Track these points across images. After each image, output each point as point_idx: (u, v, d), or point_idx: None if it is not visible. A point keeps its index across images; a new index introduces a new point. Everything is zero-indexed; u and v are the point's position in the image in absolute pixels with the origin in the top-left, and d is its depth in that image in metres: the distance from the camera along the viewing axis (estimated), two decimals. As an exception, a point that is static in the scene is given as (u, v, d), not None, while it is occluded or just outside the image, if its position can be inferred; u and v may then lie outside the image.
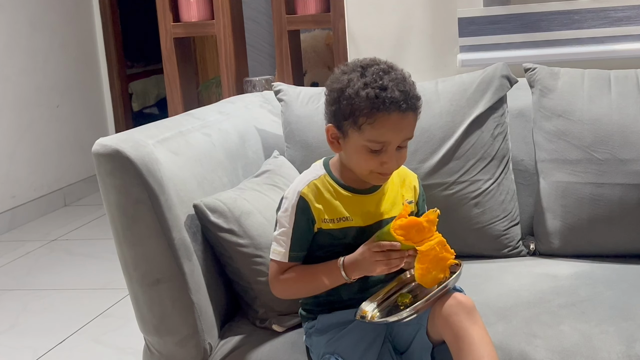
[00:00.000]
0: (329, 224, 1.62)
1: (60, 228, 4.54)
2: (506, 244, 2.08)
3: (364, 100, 1.51)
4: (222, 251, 1.80)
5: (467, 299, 1.54)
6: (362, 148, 1.55)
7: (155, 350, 1.79)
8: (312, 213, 1.62)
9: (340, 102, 1.55)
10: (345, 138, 1.58)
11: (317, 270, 1.62)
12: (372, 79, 1.53)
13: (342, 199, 1.63)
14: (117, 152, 1.66)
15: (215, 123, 2.08)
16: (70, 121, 5.22)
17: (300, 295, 1.69)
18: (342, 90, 1.55)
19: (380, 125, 1.52)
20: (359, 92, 1.52)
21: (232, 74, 3.23)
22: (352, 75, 1.55)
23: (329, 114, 1.60)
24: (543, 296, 1.78)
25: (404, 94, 1.52)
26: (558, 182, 2.06)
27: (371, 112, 1.51)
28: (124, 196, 1.68)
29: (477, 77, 2.15)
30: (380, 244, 1.54)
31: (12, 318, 3.19)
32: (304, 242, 1.63)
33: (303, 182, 1.64)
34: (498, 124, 2.11)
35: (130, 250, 1.72)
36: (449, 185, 2.06)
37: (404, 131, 1.55)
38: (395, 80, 1.53)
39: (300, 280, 1.63)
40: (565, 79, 2.12)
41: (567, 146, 2.05)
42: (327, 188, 1.64)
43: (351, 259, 1.58)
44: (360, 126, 1.53)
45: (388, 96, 1.51)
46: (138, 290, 1.74)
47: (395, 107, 1.51)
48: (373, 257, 1.54)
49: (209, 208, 1.77)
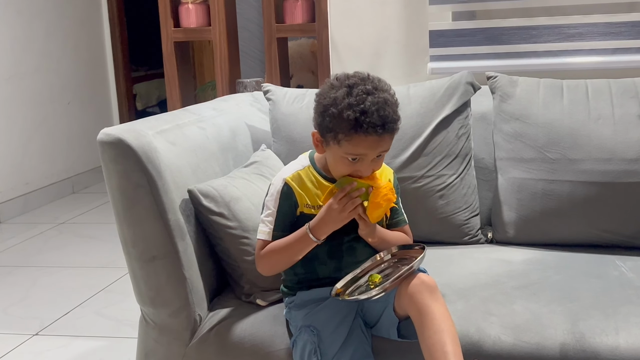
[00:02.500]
0: (310, 209, 1.62)
1: (69, 213, 4.51)
2: (467, 232, 2.09)
3: (344, 121, 1.50)
4: (212, 232, 1.79)
5: (430, 279, 1.54)
6: (341, 158, 1.56)
7: (151, 320, 1.78)
8: (295, 198, 1.62)
9: (325, 118, 1.54)
10: (327, 145, 1.58)
11: (289, 238, 1.62)
12: (355, 100, 1.50)
13: (323, 189, 1.63)
14: (120, 141, 1.65)
15: (210, 118, 2.07)
16: (79, 117, 5.18)
17: (280, 265, 1.67)
18: (328, 107, 1.53)
19: (356, 144, 1.52)
20: (341, 113, 1.50)
21: (226, 75, 3.21)
22: (338, 93, 1.53)
23: (315, 123, 1.59)
24: (498, 279, 1.79)
25: (383, 119, 1.50)
26: (514, 178, 2.06)
27: (349, 132, 1.50)
28: (125, 181, 1.67)
29: (445, 83, 2.15)
30: (344, 188, 1.54)
31: (23, 292, 3.16)
32: (286, 223, 1.63)
33: (289, 171, 1.65)
34: (462, 125, 2.11)
35: (130, 229, 1.70)
36: (417, 179, 2.06)
37: (380, 148, 1.54)
38: (377, 104, 1.50)
39: (277, 251, 1.63)
40: (523, 86, 2.12)
41: (523, 146, 2.06)
42: (310, 178, 1.64)
43: (316, 219, 1.58)
44: (339, 141, 1.53)
45: (367, 120, 1.48)
46: (136, 266, 1.73)
47: (372, 131, 1.50)
48: (340, 203, 1.54)
49: (202, 193, 1.76)
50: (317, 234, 1.58)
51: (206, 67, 5.92)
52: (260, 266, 1.67)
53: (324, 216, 1.57)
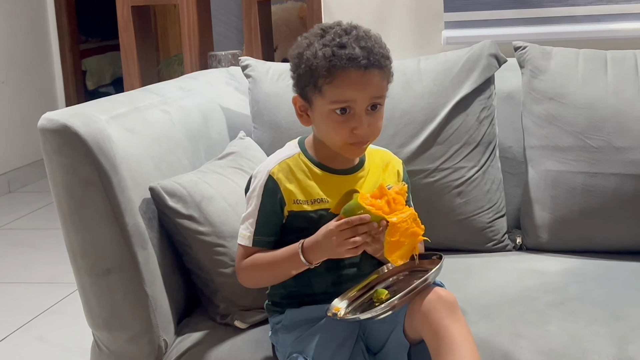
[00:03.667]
0: (303, 206, 1.62)
1: (4, 216, 4.50)
2: (491, 238, 2.09)
3: (321, 60, 1.55)
4: (180, 239, 1.79)
5: (449, 293, 1.54)
6: (328, 114, 1.57)
7: (105, 347, 1.78)
8: (282, 194, 1.62)
9: (300, 67, 1.59)
10: (311, 107, 1.61)
11: (278, 255, 1.61)
12: (331, 38, 1.57)
13: (318, 179, 1.63)
14: (66, 128, 1.65)
15: (176, 100, 2.07)
16: (16, 99, 5.17)
17: (264, 283, 1.68)
18: (302, 54, 1.59)
19: (339, 84, 1.55)
20: (316, 53, 1.56)
21: (195, 47, 3.21)
22: (312, 39, 1.59)
23: (294, 83, 1.64)
24: (529, 293, 1.79)
25: (365, 50, 1.55)
26: (548, 171, 2.07)
27: (329, 71, 1.54)
28: (72, 176, 1.66)
29: (463, 56, 2.15)
30: (349, 220, 1.51)
31: (-52, 313, 3.16)
32: (270, 227, 1.64)
33: (274, 161, 1.65)
34: (484, 107, 2.12)
35: (78, 236, 1.70)
36: (430, 173, 2.06)
37: (368, 89, 1.56)
38: (356, 37, 1.56)
39: (261, 267, 1.63)
40: (558, 59, 2.12)
41: (558, 132, 2.06)
42: (300, 167, 1.64)
43: (312, 240, 1.57)
44: (320, 88, 1.56)
45: (346, 52, 1.54)
46: (86, 280, 1.73)
47: (353, 64, 1.54)
48: (341, 236, 1.51)
49: (167, 191, 1.76)
50: (309, 257, 1.57)
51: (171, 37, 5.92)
52: (241, 278, 1.67)
53: (321, 240, 1.55)
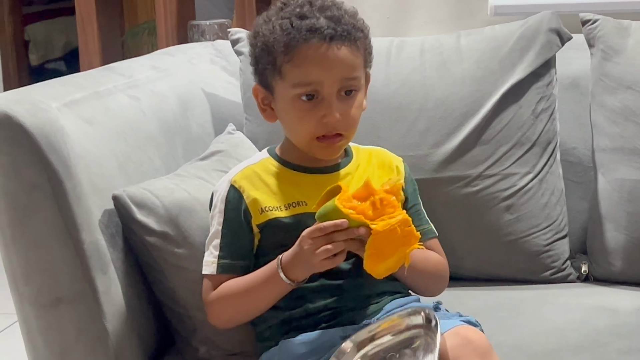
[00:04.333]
0: (275, 212, 1.66)
1: None
2: (548, 265, 2.10)
3: (278, 35, 1.60)
4: (150, 262, 1.80)
5: (482, 337, 1.53)
6: (292, 101, 1.63)
7: (52, 398, 1.79)
8: (246, 205, 1.67)
9: (257, 47, 1.66)
10: (274, 96, 1.66)
11: (254, 278, 1.64)
12: (291, 9, 1.63)
13: (292, 181, 1.69)
14: (7, 118, 1.65)
15: (147, 82, 2.08)
16: (-59, 77, 5.19)
17: (241, 317, 1.69)
18: (257, 32, 1.66)
19: (300, 61, 1.60)
20: (274, 28, 1.62)
21: (172, 14, 3.22)
22: (270, 13, 1.66)
23: (252, 70, 1.71)
24: (597, 338, 1.79)
25: (331, 20, 1.60)
26: (623, 180, 2.07)
27: (287, 46, 1.59)
28: (13, 180, 1.67)
29: (516, 31, 2.16)
30: (321, 227, 1.52)
31: None
32: (238, 247, 1.68)
33: (236, 169, 1.73)
34: (542, 97, 2.12)
35: (21, 256, 1.70)
36: (471, 180, 2.07)
37: (336, 68, 1.60)
38: (321, 7, 1.63)
39: (234, 297, 1.65)
40: (638, 36, 2.13)
41: (637, 130, 2.07)
42: (269, 171, 1.71)
43: (290, 253, 1.59)
44: (280, 69, 1.61)
45: (306, 23, 1.60)
46: (30, 313, 1.73)
47: (315, 35, 1.59)
48: (314, 245, 1.52)
49: (135, 201, 1.77)
50: (290, 274, 1.59)
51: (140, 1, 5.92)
52: (212, 317, 1.69)
53: (297, 250, 1.58)
